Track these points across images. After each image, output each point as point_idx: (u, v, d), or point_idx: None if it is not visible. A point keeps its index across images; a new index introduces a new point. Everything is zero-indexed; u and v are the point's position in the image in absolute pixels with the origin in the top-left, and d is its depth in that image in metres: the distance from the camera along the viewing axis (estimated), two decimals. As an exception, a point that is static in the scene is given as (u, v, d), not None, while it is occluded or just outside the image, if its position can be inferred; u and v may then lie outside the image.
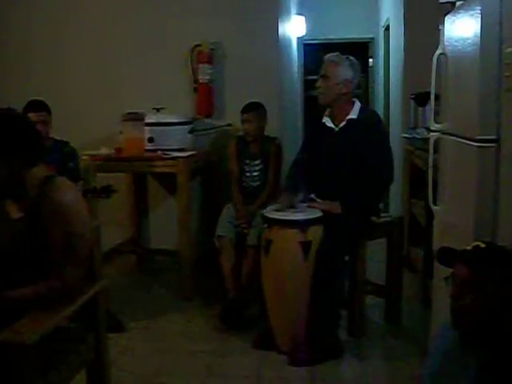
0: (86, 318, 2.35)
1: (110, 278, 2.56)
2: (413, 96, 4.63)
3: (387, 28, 6.72)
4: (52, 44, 5.19)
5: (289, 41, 6.26)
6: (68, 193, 2.14)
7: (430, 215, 3.28)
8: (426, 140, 3.26)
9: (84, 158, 4.06)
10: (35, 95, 3.86)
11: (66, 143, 3.84)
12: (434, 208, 2.88)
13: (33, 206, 2.11)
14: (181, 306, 4.15)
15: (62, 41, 5.16)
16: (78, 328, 2.34)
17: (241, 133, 4.31)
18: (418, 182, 4.29)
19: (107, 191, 3.50)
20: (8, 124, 2.11)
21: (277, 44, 4.93)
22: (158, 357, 3.38)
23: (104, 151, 4.30)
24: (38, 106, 3.64)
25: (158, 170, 4.29)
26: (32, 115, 3.35)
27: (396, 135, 5.24)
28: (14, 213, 2.16)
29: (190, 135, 4.43)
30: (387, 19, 6.70)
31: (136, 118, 4.22)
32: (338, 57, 3.50)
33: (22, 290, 2.04)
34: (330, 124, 3.54)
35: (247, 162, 4.22)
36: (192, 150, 4.33)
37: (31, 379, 1.89)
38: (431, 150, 2.88)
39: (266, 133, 4.27)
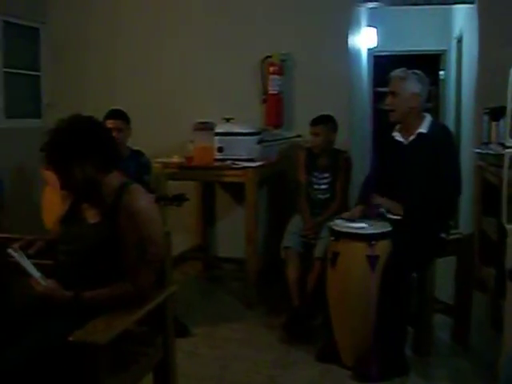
0: (155, 321, 2.40)
1: (176, 284, 2.60)
2: (487, 110, 4.52)
3: (460, 40, 6.58)
4: (126, 52, 5.38)
5: (359, 52, 6.23)
6: (142, 200, 2.21)
7: (502, 233, 3.19)
8: (500, 156, 3.18)
9: (156, 165, 4.15)
10: (108, 104, 3.98)
11: (141, 153, 3.93)
12: (508, 226, 2.80)
13: (109, 212, 2.19)
14: (245, 314, 4.17)
15: (137, 52, 5.33)
16: (147, 331, 2.39)
17: (310, 144, 4.31)
18: (489, 198, 4.18)
19: (179, 199, 3.56)
20: (84, 129, 2.20)
21: (347, 55, 4.93)
22: (221, 364, 3.40)
23: (176, 159, 4.40)
24: (116, 113, 3.75)
25: (227, 179, 4.35)
26: (109, 122, 3.47)
27: (467, 150, 5.13)
28: (91, 218, 2.24)
29: (258, 145, 4.46)
30: (460, 30, 6.57)
31: (206, 127, 4.29)
32: (405, 72, 3.45)
33: (97, 292, 2.11)
34: (399, 138, 3.50)
35: (316, 174, 4.21)
36: (260, 160, 4.36)
37: (103, 378, 1.94)
38: (506, 166, 2.80)
39: (335, 145, 4.25)
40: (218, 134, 4.34)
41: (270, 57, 4.88)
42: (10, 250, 2.19)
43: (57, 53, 5.66)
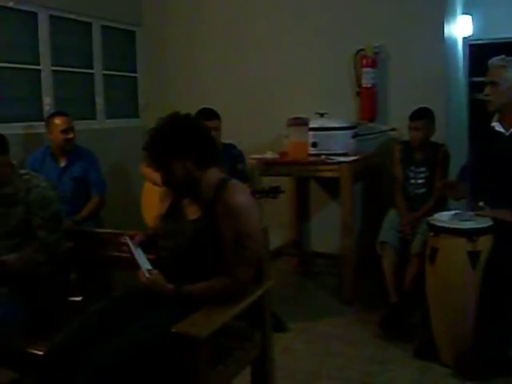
0: (253, 316, 2.43)
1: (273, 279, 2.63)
2: None
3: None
4: (218, 51, 5.47)
5: (454, 42, 6.02)
6: (241, 195, 2.24)
7: None
8: None
9: (250, 161, 4.20)
10: (202, 102, 4.05)
11: (233, 146, 3.99)
12: None
13: (208, 208, 2.23)
14: (340, 309, 4.15)
15: (227, 48, 5.42)
16: (244, 326, 2.42)
17: (406, 138, 4.21)
18: None
19: (275, 191, 3.57)
20: (184, 127, 2.26)
21: (442, 46, 4.76)
22: (317, 359, 3.41)
23: (269, 155, 4.43)
24: (211, 113, 3.80)
25: (322, 174, 4.34)
26: (208, 123, 3.53)
27: None
28: (192, 214, 2.29)
29: (353, 140, 4.43)
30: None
31: (300, 122, 4.31)
32: (504, 60, 3.28)
33: (197, 285, 2.16)
34: (499, 128, 3.35)
35: (412, 168, 4.11)
36: (355, 155, 4.32)
37: (203, 370, 1.99)
38: None
39: (431, 138, 4.14)
40: (312, 129, 4.34)
41: (362, 50, 4.82)
42: (125, 238, 2.28)
43: (152, 54, 5.84)
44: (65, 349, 2.06)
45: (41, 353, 2.30)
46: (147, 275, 2.17)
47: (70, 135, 4.17)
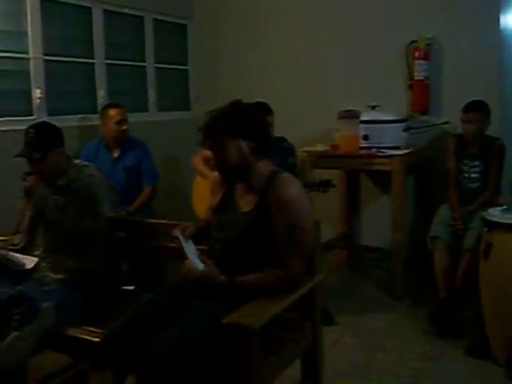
0: (303, 308, 2.43)
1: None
2: None
3: None
4: (270, 44, 5.47)
5: (511, 33, 5.87)
6: (293, 187, 2.24)
7: None
8: None
9: (301, 154, 4.20)
10: (253, 95, 4.05)
11: (284, 139, 3.99)
12: None
13: (260, 200, 2.24)
14: (390, 304, 4.13)
15: (278, 41, 5.41)
16: (295, 317, 2.43)
17: (460, 131, 4.14)
18: None
19: (326, 185, 3.57)
20: (245, 112, 2.30)
21: (498, 37, 4.64)
22: (366, 354, 3.39)
23: (320, 148, 4.41)
24: (265, 108, 3.80)
25: (373, 167, 4.30)
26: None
27: None
28: (244, 206, 2.31)
29: (405, 133, 4.37)
30: None
31: (351, 115, 4.28)
32: None
33: (249, 277, 2.17)
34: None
35: (466, 162, 4.03)
36: (407, 148, 4.26)
37: (255, 361, 2.00)
38: None
39: (487, 132, 4.05)
40: (363, 121, 4.30)
41: (415, 41, 4.74)
42: (176, 232, 2.31)
43: (203, 47, 5.88)
44: (120, 337, 2.10)
45: (96, 340, 2.36)
46: (199, 267, 2.18)
47: (124, 126, 4.25)
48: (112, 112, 4.24)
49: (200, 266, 2.19)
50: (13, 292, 2.45)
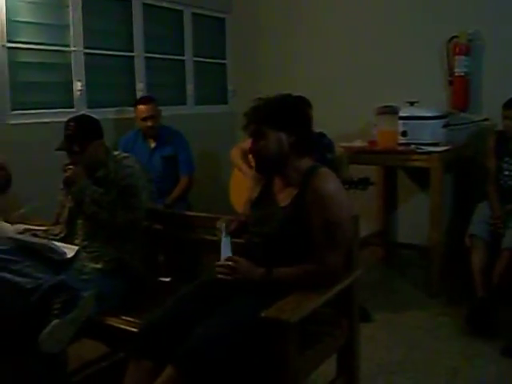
0: (341, 304, 2.43)
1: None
2: None
3: None
4: (307, 38, 5.46)
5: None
6: (331, 182, 2.23)
7: None
8: None
9: (339, 149, 4.17)
10: (290, 89, 4.04)
11: (323, 134, 3.97)
12: None
13: (298, 195, 2.24)
14: (426, 302, 4.09)
15: (317, 35, 5.39)
16: (332, 313, 2.42)
17: (501, 128, 4.07)
18: None
19: (365, 183, 3.55)
20: (292, 104, 2.32)
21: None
22: (402, 351, 3.37)
23: (358, 143, 4.39)
24: (304, 101, 3.78)
25: (411, 164, 4.26)
26: None
27: None
28: (282, 201, 2.31)
29: (444, 129, 4.32)
30: None
31: (390, 111, 4.24)
32: None
33: (286, 271, 2.17)
34: None
35: (507, 159, 3.95)
36: (446, 145, 4.22)
37: (291, 355, 2.00)
38: None
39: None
40: (401, 117, 4.26)
41: (456, 37, 4.68)
42: (220, 225, 2.32)
43: (241, 41, 5.89)
44: (158, 328, 2.12)
45: (133, 329, 2.39)
46: (231, 264, 2.18)
47: (149, 123, 4.29)
48: (140, 108, 4.31)
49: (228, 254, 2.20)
50: (54, 281, 2.49)
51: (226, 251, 2.25)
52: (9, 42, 3.92)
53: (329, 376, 2.56)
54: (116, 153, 3.02)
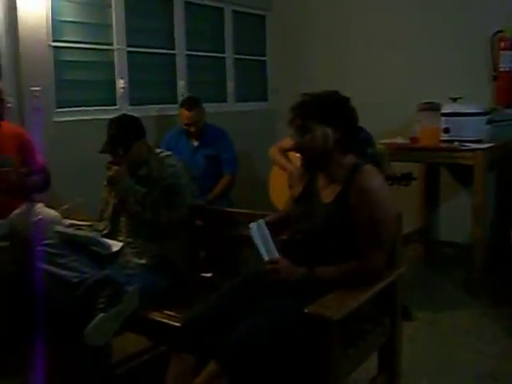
0: (383, 302, 2.41)
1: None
2: None
3: None
4: (349, 35, 5.43)
5: None
6: (374, 180, 2.22)
7: None
8: None
9: (380, 146, 4.14)
10: (330, 86, 4.03)
11: (361, 128, 3.93)
12: None
13: (342, 191, 2.23)
14: (468, 302, 4.02)
15: (359, 34, 5.36)
16: (374, 311, 2.41)
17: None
18: None
19: (408, 179, 3.51)
20: (340, 101, 2.31)
21: None
22: (444, 351, 3.32)
23: (399, 140, 4.35)
24: None
25: (454, 161, 4.19)
26: None
27: None
28: (326, 198, 2.30)
29: (488, 126, 4.23)
30: None
31: (432, 107, 4.19)
32: None
33: (329, 268, 2.17)
34: None
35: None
36: (490, 142, 4.13)
37: (334, 352, 2.00)
38: None
39: None
40: (444, 114, 4.19)
41: (500, 31, 4.59)
42: (251, 224, 2.32)
43: (282, 39, 5.89)
44: (201, 322, 2.14)
45: (176, 324, 2.42)
46: (266, 258, 2.18)
47: (192, 129, 4.33)
48: (183, 113, 4.34)
49: (266, 256, 2.19)
50: (100, 275, 2.53)
51: (265, 248, 2.23)
52: (54, 41, 4.00)
53: (370, 373, 2.55)
54: (158, 151, 3.05)
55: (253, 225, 2.28)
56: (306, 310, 1.96)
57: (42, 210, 3.15)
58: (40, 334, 2.59)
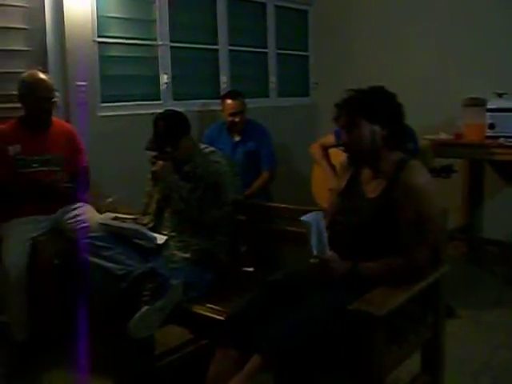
0: (427, 300, 2.39)
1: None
2: None
3: None
4: (391, 30, 5.36)
5: None
6: (420, 176, 2.20)
7: None
8: None
9: (423, 142, 4.10)
10: (372, 82, 3.99)
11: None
12: None
13: (388, 187, 2.22)
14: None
15: (402, 29, 5.29)
16: (418, 308, 2.39)
17: None
18: None
19: (448, 171, 3.47)
20: (388, 97, 2.29)
21: None
22: (487, 350, 3.27)
23: (443, 136, 4.30)
24: None
25: (499, 157, 4.12)
26: None
27: None
28: (370, 192, 2.29)
29: (536, 121, 4.16)
30: None
31: (477, 103, 4.15)
32: None
33: (372, 264, 2.16)
34: None
35: None
36: (537, 138, 4.06)
37: (378, 349, 2.00)
38: None
39: None
40: (489, 109, 4.13)
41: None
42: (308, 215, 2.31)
43: (324, 33, 5.86)
44: (245, 316, 2.16)
45: (219, 317, 2.44)
46: (314, 252, 2.17)
47: (237, 119, 4.33)
48: (227, 102, 4.35)
49: (315, 249, 2.18)
50: (144, 268, 2.57)
51: (319, 244, 2.20)
52: (99, 36, 4.06)
53: (413, 371, 2.53)
54: (203, 146, 3.06)
55: (310, 215, 2.23)
56: (350, 307, 1.96)
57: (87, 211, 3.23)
58: (85, 326, 2.65)
